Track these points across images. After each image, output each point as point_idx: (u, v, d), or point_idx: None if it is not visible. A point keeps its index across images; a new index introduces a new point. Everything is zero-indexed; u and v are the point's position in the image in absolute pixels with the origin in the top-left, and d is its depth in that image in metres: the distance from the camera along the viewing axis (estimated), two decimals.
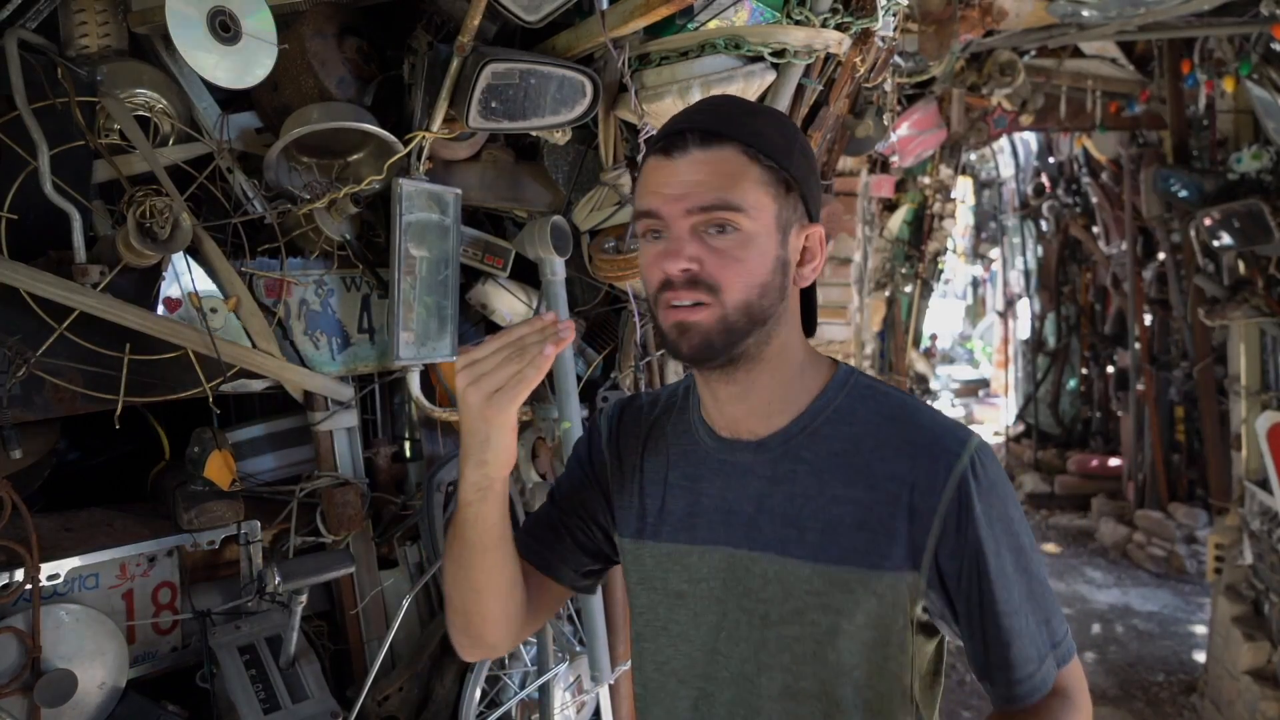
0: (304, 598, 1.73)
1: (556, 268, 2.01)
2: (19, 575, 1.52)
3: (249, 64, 1.62)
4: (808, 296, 1.12)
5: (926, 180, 5.49)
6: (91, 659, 1.60)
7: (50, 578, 1.58)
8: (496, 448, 1.02)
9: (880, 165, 4.64)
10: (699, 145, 1.00)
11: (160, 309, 1.72)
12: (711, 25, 1.80)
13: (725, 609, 1.09)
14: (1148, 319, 6.76)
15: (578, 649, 2.10)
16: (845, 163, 3.74)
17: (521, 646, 2.10)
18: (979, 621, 1.02)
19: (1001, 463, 1.12)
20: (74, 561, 1.61)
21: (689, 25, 1.81)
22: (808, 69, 1.92)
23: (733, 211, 0.99)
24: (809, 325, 1.12)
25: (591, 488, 1.21)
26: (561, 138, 1.98)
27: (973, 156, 8.31)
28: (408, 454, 2.12)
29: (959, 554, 1.00)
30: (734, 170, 1.00)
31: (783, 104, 1.93)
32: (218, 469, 1.82)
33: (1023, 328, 9.76)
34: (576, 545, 1.21)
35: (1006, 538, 1.02)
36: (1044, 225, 8.74)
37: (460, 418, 1.03)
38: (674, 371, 2.21)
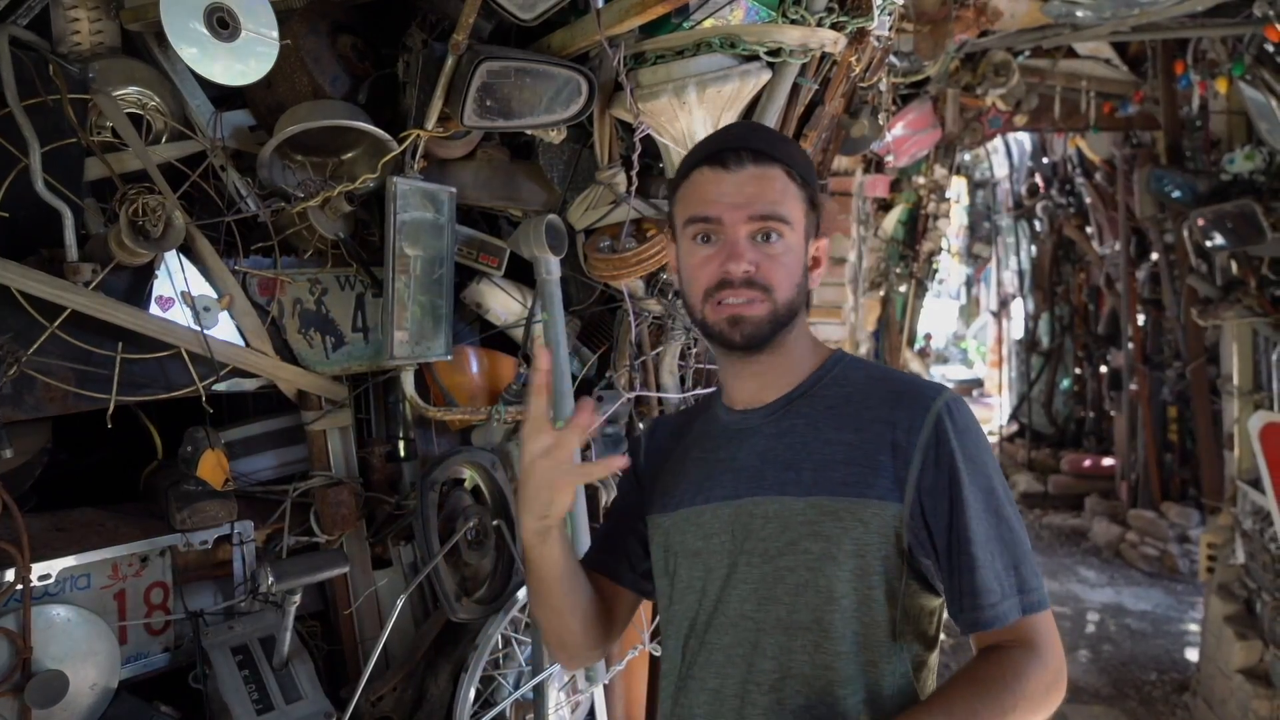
0: (297, 598, 1.72)
1: (551, 267, 2.01)
2: (10, 575, 1.51)
3: (248, 61, 1.61)
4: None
5: (921, 180, 5.49)
6: (83, 660, 1.59)
7: (41, 578, 1.56)
8: (559, 507, 1.16)
9: (875, 165, 4.64)
10: (753, 162, 1.16)
11: (153, 308, 1.71)
12: (707, 24, 1.80)
13: (734, 558, 1.18)
14: (1141, 319, 6.78)
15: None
16: (840, 162, 3.74)
17: (515, 646, 2.10)
18: (949, 548, 1.11)
19: (996, 461, 1.17)
20: (65, 561, 1.60)
21: (684, 24, 1.80)
22: (803, 68, 1.92)
23: (781, 223, 1.16)
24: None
25: (634, 494, 1.36)
26: (557, 136, 1.98)
27: (967, 156, 8.32)
28: (402, 453, 2.11)
29: (936, 484, 1.11)
30: (782, 188, 1.17)
31: (778, 103, 1.92)
32: (211, 468, 1.81)
33: (1017, 328, 9.78)
34: (628, 550, 1.34)
35: (979, 476, 1.12)
36: (1038, 225, 8.77)
37: (523, 479, 1.16)
38: (669, 371, 2.21)
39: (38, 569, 1.55)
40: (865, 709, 1.10)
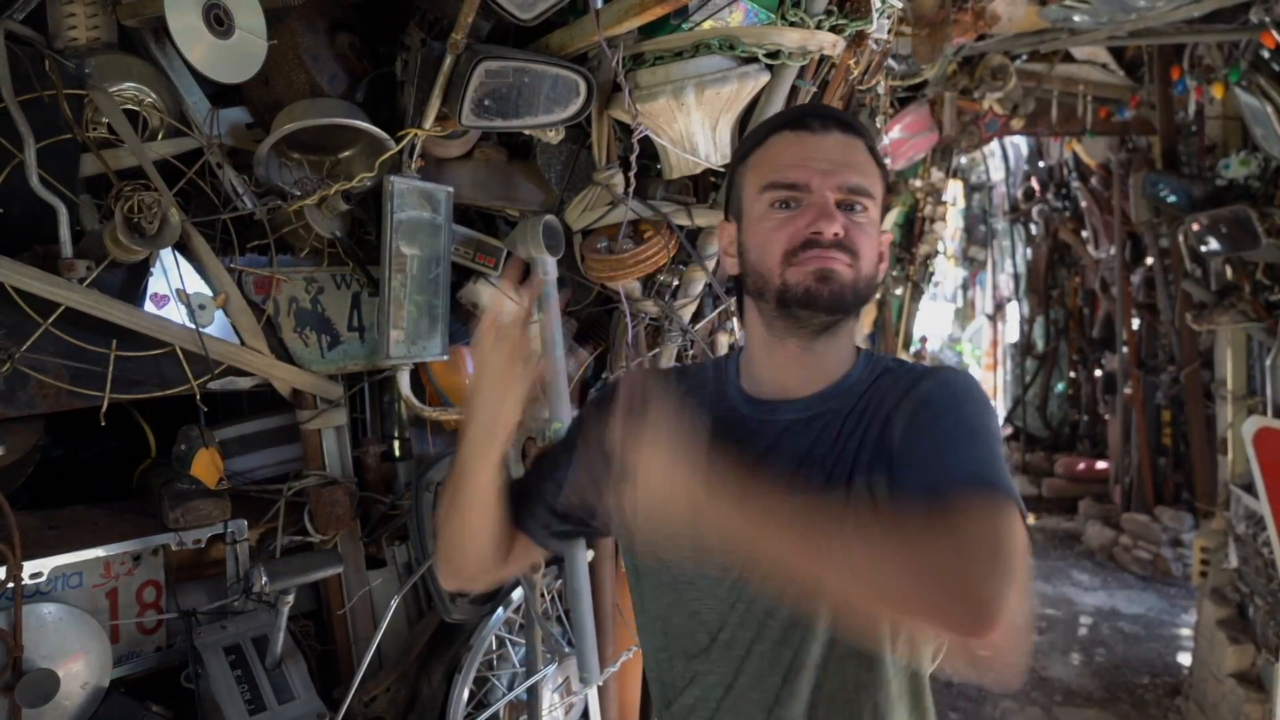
0: (291, 598, 1.71)
1: (549, 267, 2.00)
2: (1, 573, 1.50)
3: (240, 59, 1.60)
4: None
5: (918, 183, 5.49)
6: (74, 659, 1.58)
7: (33, 576, 1.56)
8: (507, 416, 1.10)
9: None
10: (839, 130, 1.10)
11: (148, 305, 1.70)
12: (706, 26, 1.80)
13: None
14: (1135, 323, 6.79)
15: (566, 650, 2.09)
16: None
17: (509, 647, 2.09)
18: (917, 455, 1.00)
19: (991, 423, 1.10)
20: (57, 560, 1.59)
21: (683, 25, 1.80)
22: (802, 71, 1.92)
23: (867, 197, 1.10)
24: None
25: (578, 460, 1.23)
26: (554, 137, 1.97)
27: (964, 160, 8.33)
28: (397, 453, 2.10)
29: (910, 427, 1.03)
30: (866, 161, 1.11)
31: (776, 105, 1.92)
32: (205, 467, 1.80)
33: (1011, 331, 9.80)
34: (546, 505, 1.25)
35: (955, 417, 1.02)
36: (1033, 229, 8.78)
37: (476, 378, 1.10)
38: None
39: (29, 567, 1.54)
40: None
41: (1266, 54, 3.87)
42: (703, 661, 1.14)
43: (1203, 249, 4.44)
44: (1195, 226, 4.38)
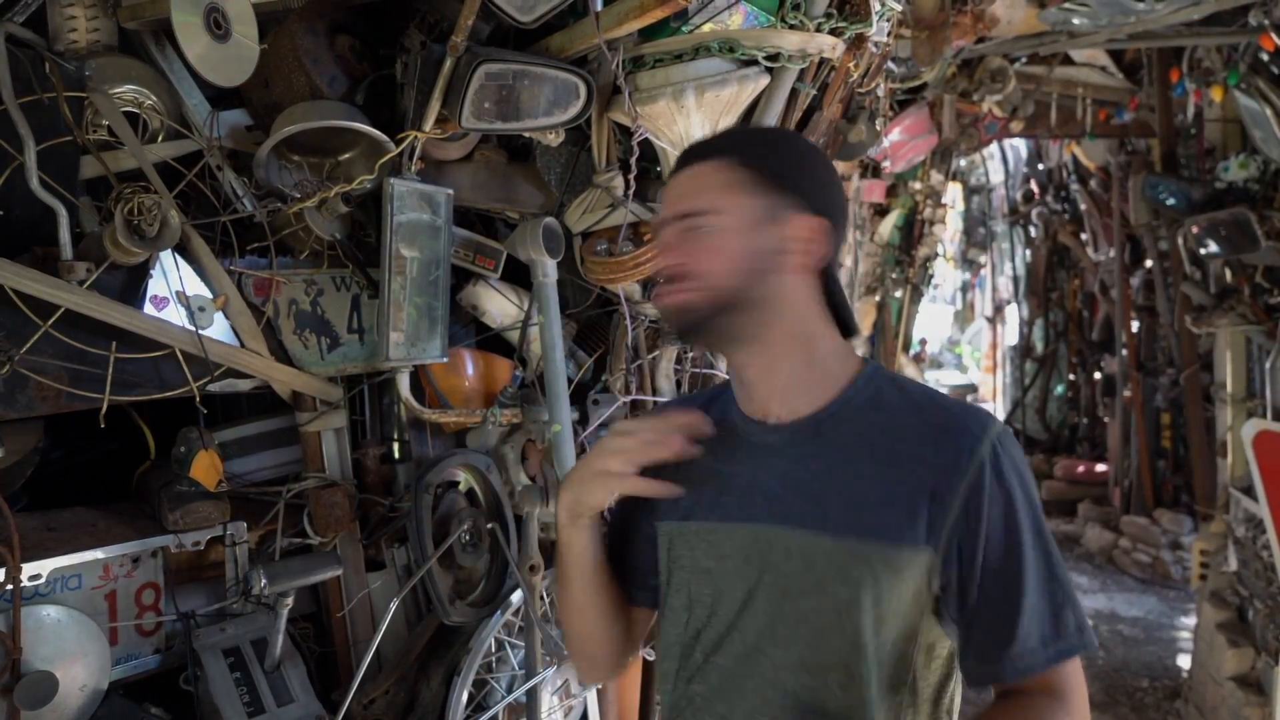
0: (290, 600, 1.71)
1: (548, 269, 2.00)
2: (0, 575, 1.50)
3: (236, 63, 1.60)
4: (837, 300, 1.18)
5: (917, 185, 5.49)
6: (73, 661, 1.58)
7: (32, 578, 1.56)
8: (594, 501, 1.17)
9: (872, 170, 4.65)
10: (685, 166, 1.16)
11: (147, 307, 1.70)
12: (706, 28, 1.80)
13: (751, 587, 1.13)
14: (1135, 326, 6.79)
15: (565, 653, 2.09)
16: (837, 167, 3.73)
17: (509, 650, 2.09)
18: (990, 601, 1.05)
19: (1039, 498, 1.13)
20: (56, 562, 1.59)
21: (683, 28, 1.80)
22: (801, 73, 1.92)
23: (702, 215, 1.12)
24: (845, 327, 1.19)
25: (637, 502, 1.25)
26: (554, 139, 1.98)
27: (963, 162, 8.34)
28: (396, 455, 2.10)
29: (976, 532, 1.04)
30: (708, 179, 1.13)
31: (776, 108, 1.93)
32: (204, 469, 1.80)
33: (1011, 333, 9.80)
34: (638, 564, 1.28)
35: (1029, 519, 1.06)
36: (1033, 231, 8.78)
37: (586, 459, 1.16)
38: (665, 375, 2.20)
39: (28, 569, 1.54)
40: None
41: (1265, 57, 3.87)
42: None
43: (1202, 251, 4.44)
44: (1194, 229, 4.38)
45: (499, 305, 2.12)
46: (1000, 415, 9.53)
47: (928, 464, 1.06)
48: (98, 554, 1.65)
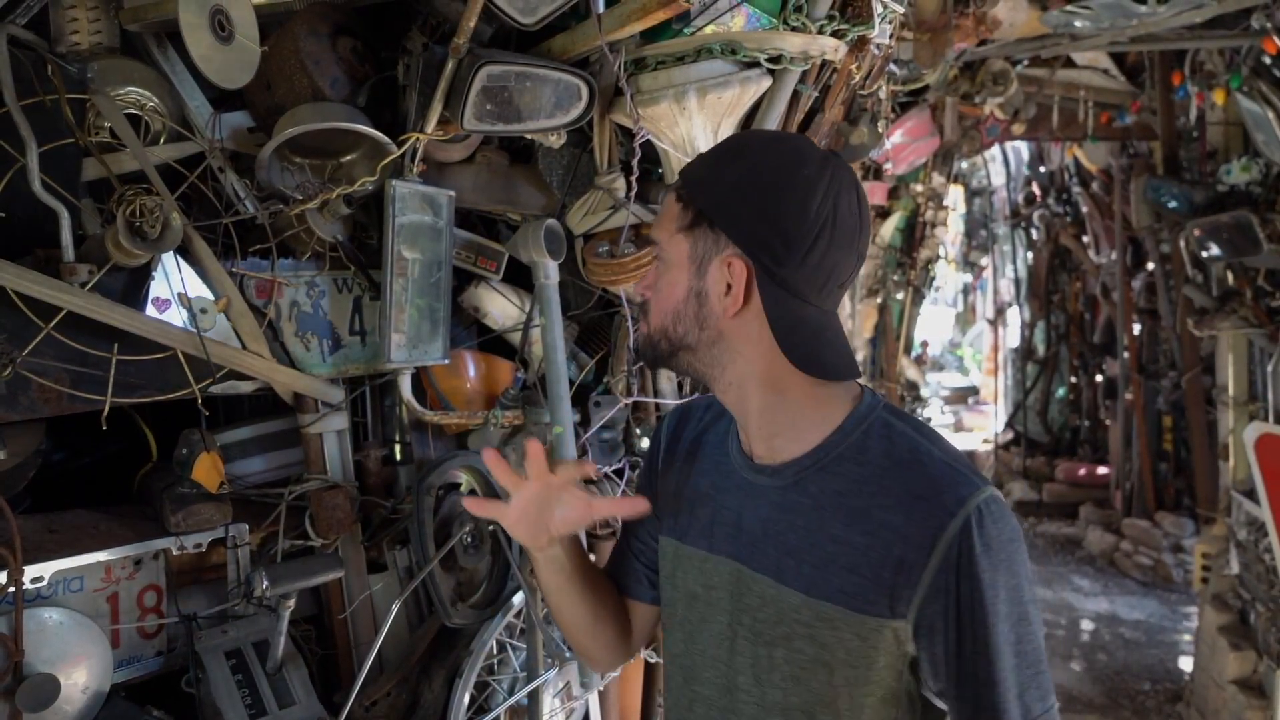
0: (292, 602, 1.71)
1: (550, 271, 2.00)
2: (2, 577, 1.50)
3: (239, 64, 1.60)
4: (818, 340, 1.09)
5: (919, 188, 5.50)
6: (75, 663, 1.58)
7: (34, 580, 1.55)
8: (548, 537, 1.22)
9: (873, 172, 4.65)
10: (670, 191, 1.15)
11: (149, 309, 1.70)
12: (708, 30, 1.80)
13: (731, 619, 1.15)
14: (1136, 328, 6.79)
15: (567, 655, 2.09)
16: None
17: (510, 652, 2.09)
18: (963, 679, 1.02)
19: (991, 472, 1.13)
20: (58, 564, 1.59)
21: (685, 30, 1.80)
22: (803, 75, 1.92)
23: (657, 247, 1.14)
24: (814, 365, 1.09)
25: (650, 489, 1.31)
26: (556, 141, 1.98)
27: (964, 164, 8.34)
28: (398, 457, 2.10)
29: (946, 611, 1.01)
30: (663, 212, 1.14)
31: (778, 110, 1.93)
32: (206, 471, 1.80)
33: (1012, 336, 9.79)
34: (641, 561, 1.33)
35: (1007, 605, 1.01)
36: (1034, 234, 8.79)
37: (510, 527, 1.22)
38: (667, 377, 2.20)
39: (30, 571, 1.54)
40: None
41: (1268, 60, 3.88)
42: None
43: (1204, 254, 4.44)
44: (1196, 232, 4.39)
45: (500, 307, 2.12)
46: (1001, 417, 9.53)
47: (898, 532, 1.02)
48: (99, 556, 1.65)
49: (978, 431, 10.30)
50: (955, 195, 8.72)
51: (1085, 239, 7.64)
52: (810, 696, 1.08)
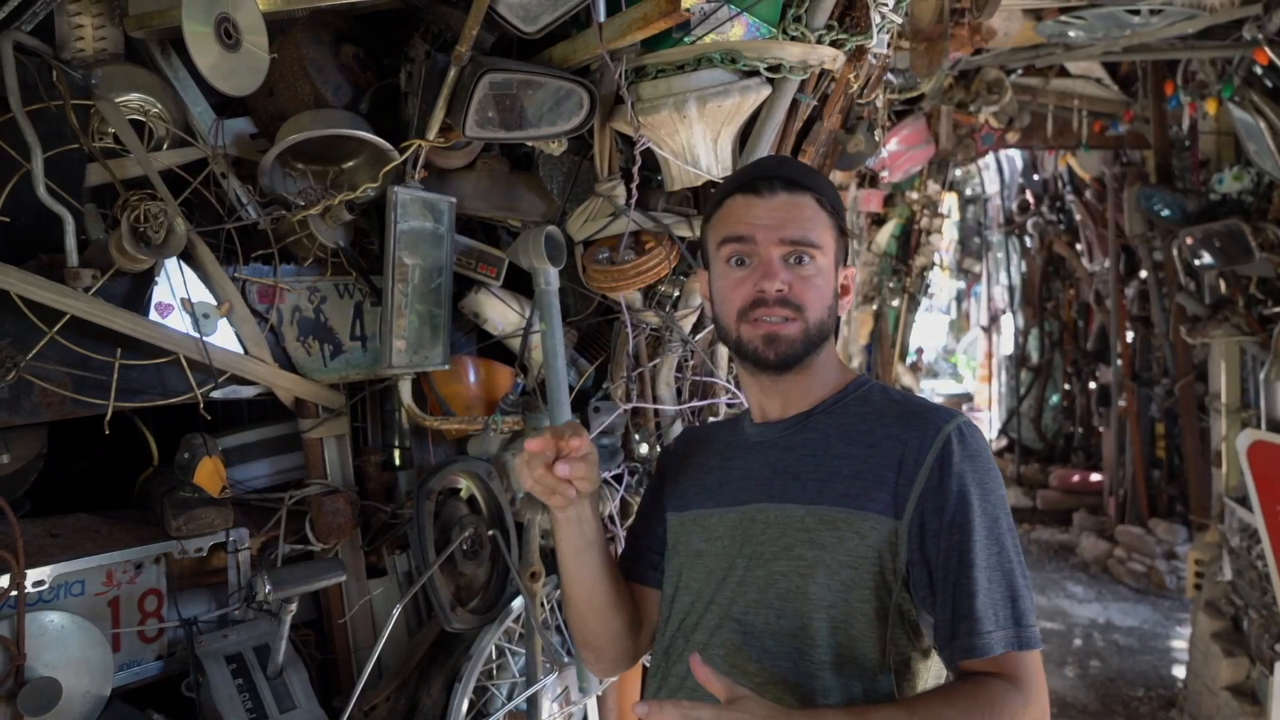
0: (294, 606, 1.71)
1: (550, 277, 2.01)
2: (4, 581, 1.50)
3: (246, 71, 1.62)
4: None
5: (914, 195, 5.53)
6: (76, 667, 1.58)
7: (35, 584, 1.56)
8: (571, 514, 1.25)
9: (869, 180, 4.68)
10: (785, 190, 1.22)
11: (152, 314, 1.70)
12: (708, 39, 1.82)
13: (731, 561, 1.22)
14: (1130, 336, 6.83)
15: (566, 660, 2.10)
16: (835, 177, 3.76)
17: (509, 657, 2.10)
18: (946, 571, 1.10)
19: (1003, 489, 1.18)
20: (60, 568, 1.59)
21: (685, 39, 1.82)
22: (802, 84, 1.94)
23: (812, 247, 1.21)
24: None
25: (657, 494, 1.40)
26: (557, 148, 1.99)
27: (959, 172, 8.39)
28: (398, 462, 2.10)
29: (939, 505, 1.12)
30: (812, 215, 1.22)
31: (777, 118, 1.94)
32: (207, 475, 1.81)
33: (1006, 343, 9.83)
34: (651, 549, 1.38)
35: (985, 503, 1.13)
36: (1028, 241, 8.83)
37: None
38: (666, 383, 2.21)
39: (32, 575, 1.54)
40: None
41: (1259, 70, 3.91)
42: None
43: (1196, 263, 4.48)
44: (1189, 240, 4.42)
45: (501, 313, 2.13)
46: (995, 424, 9.56)
47: (898, 439, 1.17)
48: (101, 560, 1.65)
49: None
50: (950, 203, 8.76)
51: (1079, 247, 7.68)
52: (804, 606, 1.14)
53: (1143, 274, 6.38)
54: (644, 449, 2.17)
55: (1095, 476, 7.72)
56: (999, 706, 1.04)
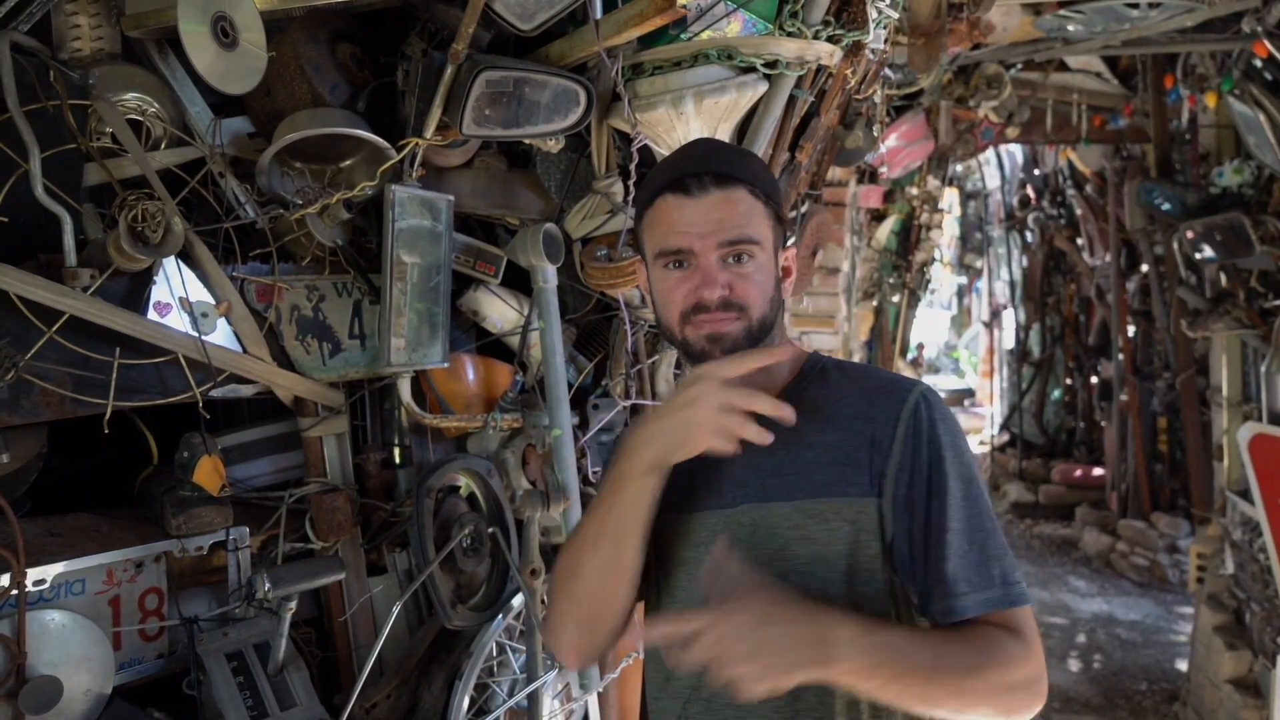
0: (294, 604, 1.71)
1: (548, 275, 2.02)
2: (4, 580, 1.51)
3: (243, 70, 1.62)
4: None
5: (914, 191, 5.53)
6: (77, 665, 1.58)
7: (36, 583, 1.56)
8: (686, 451, 1.11)
9: (869, 176, 4.68)
10: (716, 186, 1.17)
11: (151, 313, 1.71)
12: (704, 36, 1.82)
13: None
14: (1131, 330, 6.82)
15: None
16: (834, 173, 3.76)
17: (510, 654, 2.10)
18: (926, 535, 1.11)
19: (986, 473, 1.18)
20: (60, 567, 1.60)
21: (682, 36, 1.82)
22: (799, 80, 1.94)
23: (751, 244, 1.17)
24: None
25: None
26: (554, 146, 1.99)
27: (959, 168, 8.38)
28: (397, 460, 2.11)
29: (915, 473, 1.13)
30: (747, 209, 1.17)
31: (774, 114, 1.94)
32: (207, 474, 1.81)
33: (1008, 338, 9.83)
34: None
35: (958, 465, 1.14)
36: (1029, 236, 8.82)
37: (677, 413, 1.10)
38: (665, 379, 2.22)
39: (33, 574, 1.54)
40: (865, 705, 1.11)
41: (1259, 63, 3.90)
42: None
43: (1197, 256, 4.47)
44: (1189, 234, 4.42)
45: (499, 311, 2.13)
46: (997, 419, 9.56)
47: (866, 417, 1.17)
48: (101, 559, 1.65)
49: (974, 434, 10.32)
50: (950, 199, 8.75)
51: (1079, 241, 7.67)
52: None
53: (1144, 268, 6.38)
54: None
55: (1097, 471, 7.72)
56: (998, 648, 1.06)
